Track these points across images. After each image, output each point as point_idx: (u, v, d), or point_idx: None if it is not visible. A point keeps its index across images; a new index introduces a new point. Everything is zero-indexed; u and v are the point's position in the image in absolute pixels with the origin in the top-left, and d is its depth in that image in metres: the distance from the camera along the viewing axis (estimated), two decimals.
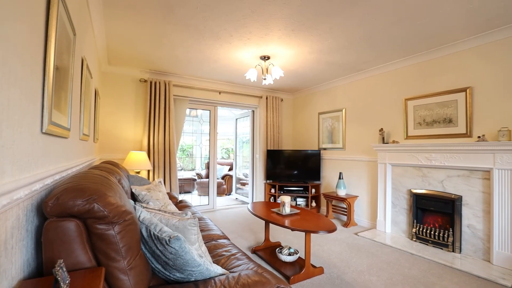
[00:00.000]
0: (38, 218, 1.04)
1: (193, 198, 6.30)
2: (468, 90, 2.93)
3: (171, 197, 3.28)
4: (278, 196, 4.91)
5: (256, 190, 5.41)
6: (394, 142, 3.58)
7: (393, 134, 3.75)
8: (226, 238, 2.18)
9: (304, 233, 3.28)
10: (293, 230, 2.32)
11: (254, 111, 5.60)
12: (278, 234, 3.62)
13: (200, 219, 2.64)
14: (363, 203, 4.17)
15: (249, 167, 5.69)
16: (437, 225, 3.17)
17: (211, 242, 2.05)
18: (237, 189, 6.57)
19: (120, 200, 1.13)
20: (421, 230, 3.24)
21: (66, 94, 1.46)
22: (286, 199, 2.77)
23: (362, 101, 4.24)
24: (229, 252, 1.83)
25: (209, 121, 5.14)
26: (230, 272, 1.46)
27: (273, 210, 2.89)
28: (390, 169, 3.65)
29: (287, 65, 3.84)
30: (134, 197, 2.41)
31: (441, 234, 3.05)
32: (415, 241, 3.27)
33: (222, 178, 6.94)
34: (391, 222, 3.63)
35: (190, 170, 8.74)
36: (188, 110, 5.26)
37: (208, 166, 5.56)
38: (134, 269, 1.07)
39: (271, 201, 5.09)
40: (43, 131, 1.05)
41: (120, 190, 1.35)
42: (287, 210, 2.75)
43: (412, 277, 2.41)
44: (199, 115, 5.92)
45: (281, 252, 2.67)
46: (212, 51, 3.35)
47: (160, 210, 1.57)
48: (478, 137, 2.77)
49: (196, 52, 3.38)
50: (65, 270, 0.73)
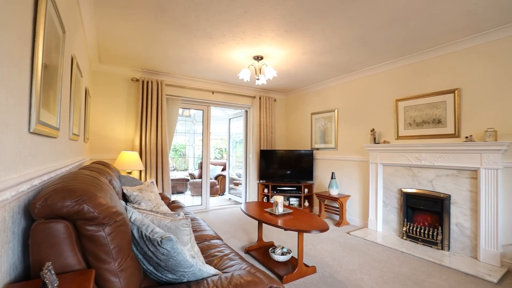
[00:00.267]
0: (25, 220, 1.01)
1: (186, 199, 6.24)
2: (456, 92, 3.00)
3: (164, 197, 3.25)
4: (271, 196, 4.92)
5: (249, 190, 5.41)
6: (385, 142, 3.63)
7: (384, 134, 3.81)
8: (219, 239, 2.17)
9: (297, 232, 3.30)
10: (286, 229, 2.33)
11: (247, 111, 5.60)
12: (271, 234, 3.63)
13: (192, 220, 2.63)
14: (355, 203, 4.22)
15: (242, 167, 5.69)
16: (426, 223, 3.24)
17: (204, 242, 2.04)
18: (230, 189, 6.56)
19: (110, 201, 1.12)
20: (411, 228, 3.30)
21: (55, 93, 1.43)
22: (279, 199, 2.78)
23: (354, 101, 4.29)
24: (222, 252, 1.82)
25: (202, 121, 5.11)
26: (223, 272, 1.46)
27: (266, 210, 2.89)
28: (381, 168, 3.70)
29: (280, 65, 3.85)
30: (125, 198, 2.38)
31: (430, 233, 3.11)
32: (406, 239, 3.32)
33: (215, 178, 6.91)
34: (383, 221, 3.69)
35: (183, 170, 8.68)
36: (181, 110, 5.22)
37: (201, 166, 5.53)
38: (125, 270, 1.06)
39: (264, 201, 5.10)
40: (31, 131, 1.03)
41: (111, 190, 1.33)
42: (280, 210, 2.76)
43: (402, 275, 2.45)
44: (192, 115, 5.88)
45: (274, 252, 2.68)
46: (205, 51, 3.33)
47: (152, 211, 1.55)
48: (466, 137, 2.84)
49: (189, 51, 3.35)
50: (53, 272, 0.71)
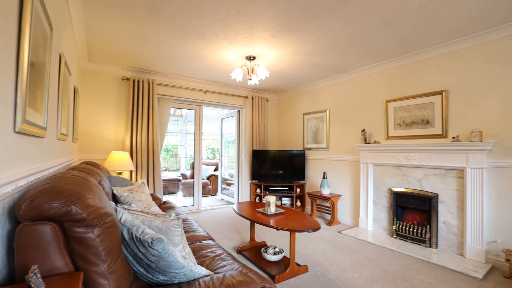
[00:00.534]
0: (10, 222, 0.98)
1: (177, 199, 6.19)
2: (444, 93, 3.08)
3: (155, 198, 3.21)
4: (264, 196, 4.93)
5: (241, 190, 5.40)
6: (375, 142, 3.69)
7: (374, 134, 3.87)
8: (211, 239, 2.16)
9: (289, 232, 3.32)
10: (278, 229, 2.33)
11: (239, 111, 5.59)
12: (263, 233, 3.63)
13: (184, 220, 2.61)
14: (346, 202, 4.27)
15: (234, 167, 5.68)
16: (415, 222, 3.31)
17: (196, 243, 2.03)
18: (222, 189, 6.53)
19: (100, 202, 1.10)
20: (400, 227, 3.37)
21: (42, 91, 1.39)
22: (271, 199, 2.79)
23: (346, 102, 4.35)
24: (214, 253, 1.81)
25: (194, 120, 5.08)
26: (215, 273, 1.46)
27: (258, 210, 2.89)
28: (371, 168, 3.76)
29: (273, 65, 3.86)
30: (115, 199, 2.34)
31: (419, 231, 3.18)
32: (395, 237, 3.39)
33: (208, 178, 6.88)
34: (373, 220, 3.74)
35: (175, 171, 8.59)
36: (172, 110, 5.16)
37: (193, 167, 5.49)
38: (114, 273, 1.04)
39: (257, 201, 5.10)
40: (16, 130, 1.00)
41: (100, 191, 1.31)
42: (272, 209, 2.77)
43: (392, 272, 2.50)
44: (184, 115, 5.83)
45: (266, 251, 2.68)
46: (197, 50, 3.31)
47: (143, 212, 1.53)
48: (453, 137, 2.92)
49: (181, 50, 3.32)
50: (39, 276, 0.69)
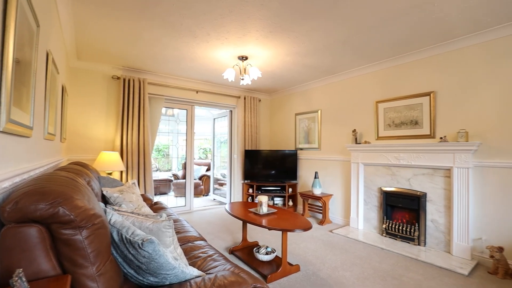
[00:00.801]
0: None
1: (169, 200, 6.12)
2: (432, 94, 3.15)
3: (146, 199, 3.17)
4: (256, 196, 4.94)
5: (234, 190, 5.39)
6: (366, 142, 3.75)
7: (365, 134, 3.93)
8: (203, 240, 2.15)
9: (281, 232, 3.33)
10: (270, 229, 2.34)
11: (232, 111, 5.58)
12: (255, 233, 3.64)
13: (176, 221, 2.58)
14: (338, 201, 4.32)
15: (227, 167, 5.66)
16: (404, 220, 3.37)
17: (187, 244, 2.01)
18: (214, 189, 6.51)
19: (88, 203, 1.08)
20: (390, 225, 3.43)
21: (28, 90, 1.35)
22: (263, 199, 2.80)
23: (337, 102, 4.39)
24: (205, 253, 1.80)
25: (186, 120, 5.03)
26: (206, 273, 1.45)
27: (250, 210, 2.90)
28: (362, 168, 3.82)
29: (265, 66, 3.87)
30: (105, 200, 2.30)
31: (408, 229, 3.24)
32: (385, 236, 3.45)
33: (200, 178, 6.83)
34: (363, 219, 3.80)
35: (166, 171, 8.51)
36: (164, 109, 5.11)
37: (185, 167, 5.45)
38: (103, 275, 1.02)
39: (249, 201, 5.10)
40: (0, 130, 0.97)
41: (89, 192, 1.28)
42: (264, 209, 2.78)
43: (382, 270, 2.54)
44: (176, 114, 5.77)
45: (258, 251, 2.69)
46: (189, 50, 3.28)
47: (133, 213, 1.51)
48: (440, 138, 2.99)
49: (172, 50, 3.29)
50: (24, 280, 0.68)
